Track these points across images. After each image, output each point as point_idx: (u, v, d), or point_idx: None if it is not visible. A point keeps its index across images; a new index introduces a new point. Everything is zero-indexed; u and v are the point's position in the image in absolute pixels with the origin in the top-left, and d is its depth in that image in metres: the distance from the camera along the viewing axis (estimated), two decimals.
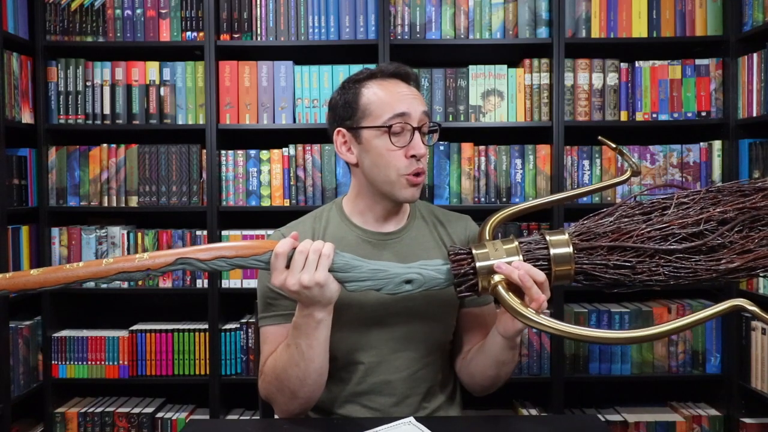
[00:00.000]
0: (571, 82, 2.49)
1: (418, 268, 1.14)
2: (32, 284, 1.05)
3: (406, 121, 1.29)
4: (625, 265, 1.10)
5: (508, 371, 1.33)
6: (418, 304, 1.33)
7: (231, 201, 2.52)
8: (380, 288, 1.13)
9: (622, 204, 1.17)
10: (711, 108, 2.49)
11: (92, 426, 2.52)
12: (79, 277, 1.06)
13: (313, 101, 2.50)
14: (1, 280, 1.05)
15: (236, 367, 2.52)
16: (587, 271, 1.12)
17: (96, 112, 2.53)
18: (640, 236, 1.10)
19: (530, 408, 2.57)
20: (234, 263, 1.10)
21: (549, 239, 1.13)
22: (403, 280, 1.13)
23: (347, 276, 1.12)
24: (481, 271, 1.12)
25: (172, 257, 1.08)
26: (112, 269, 1.07)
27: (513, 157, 2.50)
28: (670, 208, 1.13)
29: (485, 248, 1.14)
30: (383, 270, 1.13)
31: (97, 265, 1.07)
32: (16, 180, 2.42)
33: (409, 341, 1.34)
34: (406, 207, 1.42)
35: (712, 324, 2.48)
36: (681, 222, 1.10)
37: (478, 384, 1.38)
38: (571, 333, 1.05)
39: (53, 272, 1.06)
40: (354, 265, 1.12)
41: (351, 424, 1.26)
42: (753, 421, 2.38)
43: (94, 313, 2.71)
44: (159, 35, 2.51)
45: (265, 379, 1.29)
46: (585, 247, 1.12)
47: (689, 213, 1.11)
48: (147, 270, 1.07)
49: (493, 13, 2.49)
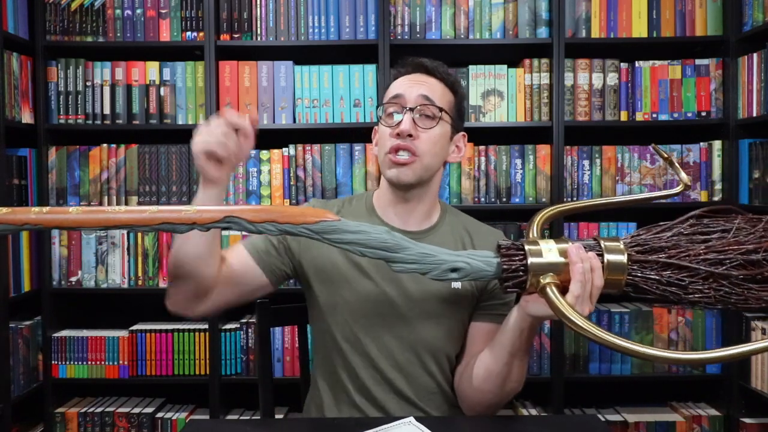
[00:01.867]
0: (571, 82, 2.49)
1: (467, 257, 1.11)
2: (70, 222, 1.00)
3: (399, 102, 1.32)
4: (678, 284, 1.08)
5: (512, 378, 1.26)
6: (428, 308, 1.32)
7: (231, 201, 2.52)
8: (426, 272, 1.09)
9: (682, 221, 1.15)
10: (711, 108, 2.50)
11: (92, 426, 2.52)
12: (120, 222, 1.01)
13: (313, 101, 2.50)
14: (39, 215, 0.99)
15: (236, 367, 2.52)
16: (638, 284, 1.09)
17: (96, 112, 2.53)
18: (697, 256, 1.09)
19: (530, 408, 2.57)
20: (282, 228, 1.05)
21: (604, 245, 1.10)
22: (450, 267, 1.09)
23: (395, 256, 1.08)
24: (532, 268, 1.08)
25: (221, 214, 1.03)
26: (156, 218, 1.01)
27: (513, 157, 2.50)
28: (730, 232, 1.11)
29: (538, 245, 1.10)
30: (432, 255, 1.09)
31: (140, 212, 1.01)
32: (16, 180, 2.42)
33: (412, 345, 1.33)
34: (432, 210, 1.40)
35: (712, 324, 2.48)
36: (740, 248, 1.09)
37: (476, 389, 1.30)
38: (617, 345, 0.99)
39: (93, 213, 1.01)
40: (404, 246, 1.08)
41: (351, 424, 1.26)
42: (753, 421, 2.38)
43: (94, 313, 2.71)
44: (159, 35, 2.51)
45: None
46: (639, 260, 1.10)
47: (750, 239, 1.10)
48: (192, 224, 1.02)
49: (493, 13, 2.49)
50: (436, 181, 1.39)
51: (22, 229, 1.00)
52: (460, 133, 1.41)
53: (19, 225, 0.99)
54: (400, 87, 1.34)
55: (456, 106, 1.38)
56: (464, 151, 1.42)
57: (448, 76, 1.38)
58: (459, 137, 1.40)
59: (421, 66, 1.37)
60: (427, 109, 1.32)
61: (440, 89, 1.35)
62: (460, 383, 1.35)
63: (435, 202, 1.41)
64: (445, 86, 1.36)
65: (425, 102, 1.31)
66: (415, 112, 1.31)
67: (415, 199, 1.36)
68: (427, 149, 1.31)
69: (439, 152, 1.34)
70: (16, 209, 0.99)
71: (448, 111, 1.35)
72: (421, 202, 1.37)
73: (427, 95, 1.32)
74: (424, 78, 1.35)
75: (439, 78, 1.36)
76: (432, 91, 1.33)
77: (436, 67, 1.37)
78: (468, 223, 1.43)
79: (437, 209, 1.42)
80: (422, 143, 1.30)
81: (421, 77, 1.35)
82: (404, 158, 1.30)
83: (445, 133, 1.35)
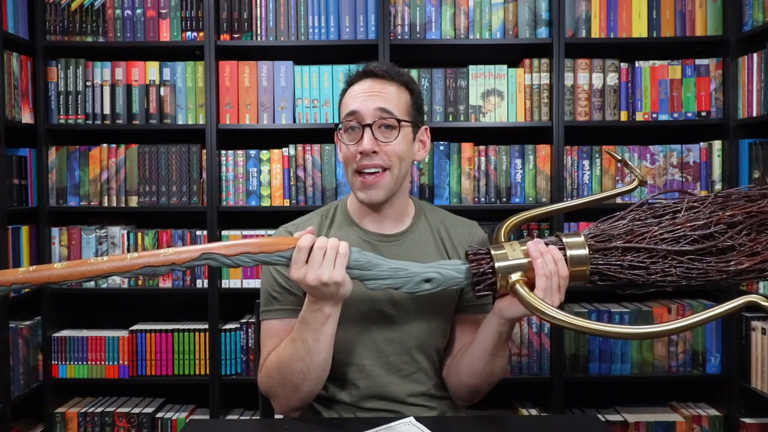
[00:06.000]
0: (571, 82, 2.49)
1: (438, 267, 1.17)
2: (56, 278, 1.05)
3: (356, 118, 1.30)
4: (639, 266, 1.14)
5: (496, 371, 1.30)
6: (414, 307, 1.33)
7: (231, 201, 2.52)
8: (400, 286, 1.16)
9: (635, 208, 1.20)
10: (711, 108, 2.49)
11: (92, 426, 2.52)
12: (104, 272, 1.06)
13: (313, 101, 2.50)
14: (25, 274, 1.04)
15: (236, 367, 2.52)
16: (602, 272, 1.15)
17: (96, 112, 2.53)
18: (653, 238, 1.14)
19: (530, 408, 2.57)
20: (258, 259, 1.11)
21: (565, 241, 1.16)
22: (423, 279, 1.16)
23: (368, 274, 1.14)
24: (499, 270, 1.15)
25: (197, 252, 1.09)
26: (137, 264, 1.07)
27: (513, 157, 2.50)
28: (681, 212, 1.17)
29: (503, 249, 1.17)
30: (403, 269, 1.16)
31: (121, 260, 1.07)
32: (16, 180, 2.42)
33: (404, 343, 1.34)
34: (405, 209, 1.41)
35: (712, 324, 2.48)
36: (692, 224, 1.14)
37: (464, 384, 1.34)
38: (589, 328, 1.07)
39: (77, 266, 1.06)
40: (375, 264, 1.15)
41: (351, 424, 1.26)
42: (753, 421, 2.38)
43: (94, 313, 2.71)
44: (159, 35, 2.51)
45: (266, 372, 1.28)
46: (600, 248, 1.15)
47: (699, 216, 1.15)
48: (172, 264, 1.08)
49: (493, 13, 2.49)
50: (405, 183, 1.38)
51: (10, 289, 1.05)
52: (422, 127, 1.39)
53: (7, 285, 1.04)
54: (354, 101, 1.31)
55: (414, 104, 1.36)
56: (429, 144, 1.41)
57: (401, 76, 1.35)
58: (421, 132, 1.39)
59: (371, 72, 1.34)
60: (386, 121, 1.30)
61: (395, 93, 1.32)
62: (448, 375, 1.38)
63: (407, 203, 1.42)
64: (399, 87, 1.34)
65: (383, 115, 1.29)
66: (374, 126, 1.29)
67: (386, 206, 1.37)
68: (394, 161, 1.31)
69: (405, 158, 1.33)
70: (3, 271, 1.05)
71: (406, 112, 1.33)
72: (392, 206, 1.38)
73: (384, 107, 1.30)
74: (378, 86, 1.32)
75: (390, 80, 1.33)
76: (387, 100, 1.31)
77: (387, 71, 1.34)
78: (444, 218, 1.45)
79: (411, 207, 1.43)
80: (388, 156, 1.30)
81: (375, 85, 1.32)
82: (372, 177, 1.30)
83: (407, 137, 1.33)
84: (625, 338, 1.13)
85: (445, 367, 1.39)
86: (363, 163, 1.29)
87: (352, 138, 1.31)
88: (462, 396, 1.38)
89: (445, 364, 1.39)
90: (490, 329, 1.24)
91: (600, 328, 1.07)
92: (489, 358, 1.27)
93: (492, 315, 1.24)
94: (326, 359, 1.22)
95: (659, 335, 1.08)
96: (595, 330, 1.07)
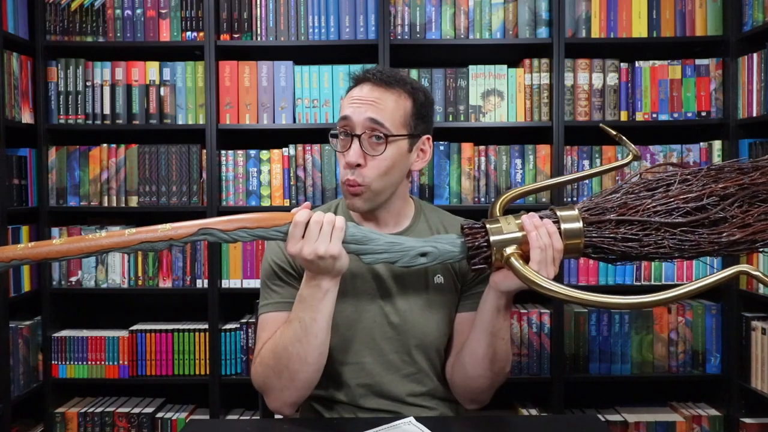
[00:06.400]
0: (571, 82, 2.49)
1: (433, 242, 1.18)
2: (55, 254, 1.06)
3: (348, 125, 1.29)
4: (632, 238, 1.15)
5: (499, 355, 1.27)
6: (413, 306, 1.33)
7: (231, 201, 2.52)
8: (396, 261, 1.16)
9: (628, 181, 1.22)
10: (711, 108, 2.49)
11: (92, 426, 2.52)
12: (102, 247, 1.07)
13: (313, 101, 2.50)
14: (24, 250, 1.04)
15: (236, 367, 2.52)
16: (596, 245, 1.17)
17: (96, 112, 2.53)
18: (646, 210, 1.15)
19: (530, 408, 2.57)
20: (255, 234, 1.12)
21: (560, 214, 1.18)
22: (418, 252, 1.16)
23: (364, 248, 1.15)
24: (494, 243, 1.16)
25: (195, 228, 1.10)
26: (134, 239, 1.07)
27: (513, 157, 2.50)
28: (673, 185, 1.18)
29: (498, 222, 1.18)
30: (399, 243, 1.17)
31: (119, 236, 1.08)
32: (16, 180, 2.42)
33: (403, 342, 1.34)
34: (403, 211, 1.40)
35: (712, 324, 2.48)
36: (684, 197, 1.15)
37: (469, 377, 1.31)
38: (581, 299, 1.08)
39: (76, 242, 1.07)
40: (371, 238, 1.16)
41: (351, 424, 1.26)
42: (753, 421, 2.38)
43: (94, 313, 2.71)
44: (159, 35, 2.51)
45: (261, 361, 1.25)
46: (594, 221, 1.17)
47: (692, 189, 1.17)
48: (169, 240, 1.08)
49: (493, 13, 2.49)
50: (401, 188, 1.37)
51: (10, 265, 1.05)
52: (424, 136, 1.35)
53: (6, 261, 1.04)
54: (349, 107, 1.29)
55: (416, 112, 1.31)
56: (429, 153, 1.38)
57: (403, 83, 1.31)
58: (422, 141, 1.35)
59: (370, 78, 1.31)
60: (376, 132, 1.27)
61: (393, 102, 1.29)
62: (452, 375, 1.37)
63: (405, 204, 1.41)
64: (400, 95, 1.30)
65: (373, 126, 1.27)
66: (363, 138, 1.27)
67: (381, 212, 1.36)
68: (375, 176, 1.28)
69: (393, 172, 1.30)
70: (3, 248, 1.05)
71: (403, 122, 1.29)
72: (388, 210, 1.37)
73: (375, 117, 1.26)
74: (376, 94, 1.28)
75: (389, 87, 1.29)
76: (381, 111, 1.27)
77: (386, 78, 1.30)
78: (444, 218, 1.45)
79: (410, 209, 1.42)
80: (370, 171, 1.27)
81: (373, 93, 1.29)
82: (354, 189, 1.29)
83: (399, 150, 1.29)
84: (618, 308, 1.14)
85: (449, 366, 1.38)
86: (347, 176, 1.29)
87: (344, 144, 1.30)
88: (469, 394, 1.36)
89: (448, 364, 1.39)
90: (488, 305, 1.24)
91: (592, 299, 1.08)
92: (490, 339, 1.25)
93: (488, 290, 1.24)
94: (324, 342, 1.21)
95: (651, 305, 1.08)
96: (587, 300, 1.08)
